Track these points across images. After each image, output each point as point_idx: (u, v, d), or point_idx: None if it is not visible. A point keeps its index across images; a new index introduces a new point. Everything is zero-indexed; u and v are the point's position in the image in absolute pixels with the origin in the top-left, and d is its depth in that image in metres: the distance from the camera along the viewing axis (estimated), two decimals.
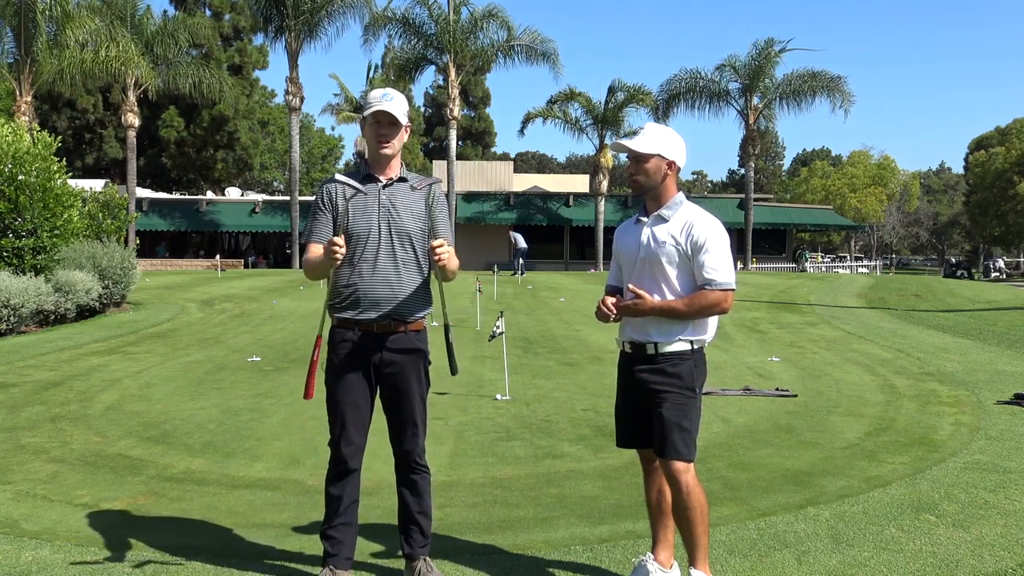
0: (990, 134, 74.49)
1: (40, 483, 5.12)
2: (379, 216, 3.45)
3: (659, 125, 3.48)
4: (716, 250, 3.33)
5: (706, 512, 3.32)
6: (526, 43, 34.21)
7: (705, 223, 3.37)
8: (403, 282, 3.46)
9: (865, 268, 52.50)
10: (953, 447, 5.97)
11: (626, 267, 3.53)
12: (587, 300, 17.77)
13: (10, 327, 11.93)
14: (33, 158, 13.56)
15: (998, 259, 68.94)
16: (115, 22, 29.10)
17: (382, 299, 3.43)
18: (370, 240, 3.43)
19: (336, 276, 3.48)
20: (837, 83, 35.67)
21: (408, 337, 3.50)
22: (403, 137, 3.50)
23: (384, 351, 3.45)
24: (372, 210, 3.45)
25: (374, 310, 3.43)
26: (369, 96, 3.48)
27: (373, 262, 3.43)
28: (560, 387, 8.43)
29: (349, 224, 3.43)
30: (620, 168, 50.07)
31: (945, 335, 12.91)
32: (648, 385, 3.37)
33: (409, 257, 3.48)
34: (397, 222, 3.45)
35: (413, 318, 3.50)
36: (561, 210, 39.95)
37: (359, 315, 3.45)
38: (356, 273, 3.43)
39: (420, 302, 3.52)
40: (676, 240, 3.35)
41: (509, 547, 4.03)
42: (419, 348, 3.52)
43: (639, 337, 3.40)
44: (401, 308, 3.46)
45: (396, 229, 3.45)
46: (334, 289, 3.50)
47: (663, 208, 3.42)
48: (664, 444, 3.29)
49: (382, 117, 3.42)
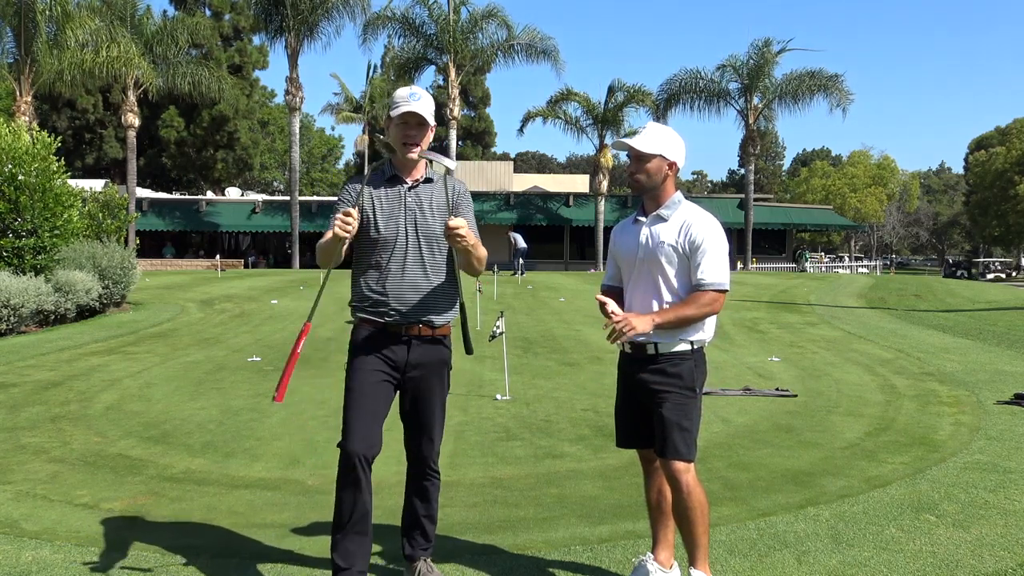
0: (990, 134, 74.52)
1: (40, 483, 5.12)
2: (405, 219, 3.35)
3: (661, 125, 3.47)
4: (712, 251, 3.33)
5: (706, 512, 3.32)
6: (526, 42, 34.24)
7: (703, 223, 3.37)
8: (432, 286, 3.37)
9: (865, 268, 52.50)
10: (953, 447, 5.96)
11: (625, 267, 3.52)
12: (587, 300, 17.77)
13: (10, 327, 11.93)
14: (33, 158, 13.56)
15: (995, 260, 68.97)
16: (115, 22, 29.12)
17: (410, 303, 3.34)
18: (397, 244, 3.34)
19: (363, 279, 3.39)
20: (835, 81, 35.69)
21: (435, 341, 3.41)
22: (429, 138, 3.37)
23: (410, 354, 3.36)
24: (398, 212, 3.35)
25: (402, 314, 3.34)
26: (395, 95, 3.33)
27: (401, 266, 3.33)
28: (560, 387, 8.43)
29: (377, 226, 3.33)
30: (620, 168, 50.10)
31: (945, 335, 12.91)
32: (649, 385, 3.37)
33: (437, 260, 3.39)
34: (425, 225, 3.36)
35: (441, 322, 3.41)
36: (561, 210, 39.96)
37: (386, 317, 3.35)
38: (384, 277, 3.34)
39: (448, 305, 3.43)
40: (675, 240, 3.35)
41: (509, 547, 4.02)
42: (445, 353, 3.45)
43: (639, 337, 3.38)
44: (430, 312, 3.37)
45: (424, 232, 3.36)
46: (360, 293, 3.39)
47: (662, 208, 3.42)
48: (665, 444, 3.29)
49: (410, 118, 3.29)
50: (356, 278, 3.42)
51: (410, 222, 3.35)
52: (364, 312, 3.38)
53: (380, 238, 3.33)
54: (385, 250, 3.34)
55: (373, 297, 3.35)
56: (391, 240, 3.34)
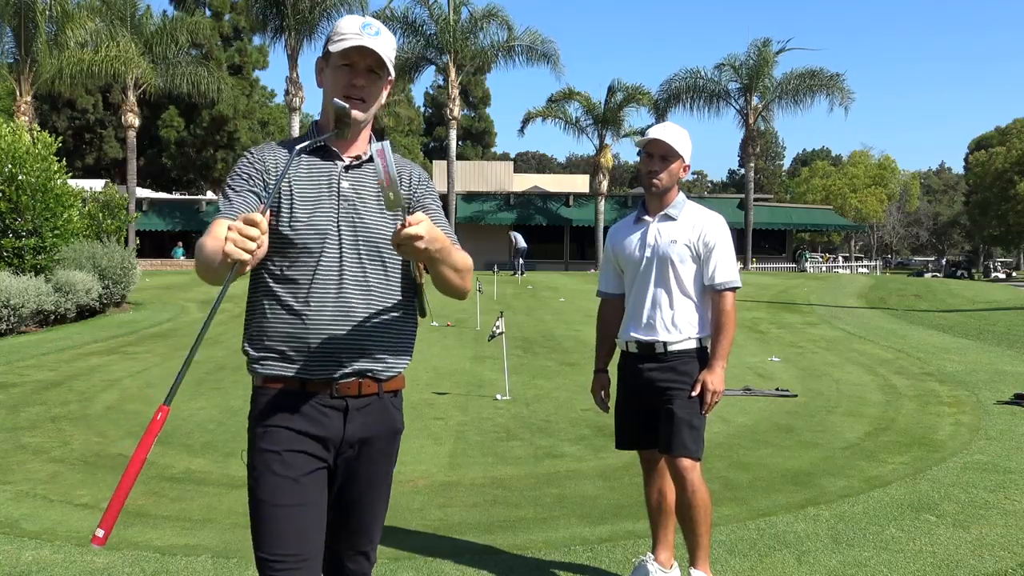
0: (990, 134, 74.50)
1: (40, 483, 5.12)
2: (339, 215, 2.16)
3: (678, 126, 3.43)
4: (726, 251, 3.36)
5: (710, 512, 3.32)
6: (526, 43, 34.22)
7: (716, 224, 3.39)
8: (375, 316, 2.17)
9: (865, 268, 52.51)
10: (953, 447, 5.97)
11: (629, 269, 3.48)
12: (587, 300, 17.76)
13: (10, 327, 11.93)
14: (33, 158, 13.57)
15: (998, 260, 69.00)
16: (115, 22, 29.12)
17: (343, 344, 2.14)
18: (325, 253, 2.14)
19: (267, 312, 2.17)
20: (836, 81, 35.67)
21: (383, 404, 2.23)
22: (383, 95, 2.24)
23: (347, 425, 2.17)
24: (327, 203, 2.16)
25: (331, 362, 2.13)
26: (339, 25, 2.18)
27: (331, 289, 2.14)
28: (560, 387, 8.43)
29: (292, 224, 2.14)
30: (620, 168, 50.14)
31: (945, 335, 12.91)
32: (657, 384, 3.34)
33: (386, 278, 2.20)
34: (364, 223, 2.18)
35: (390, 373, 2.22)
36: (561, 210, 39.95)
37: (305, 371, 2.14)
38: (301, 301, 2.13)
39: (401, 346, 2.25)
40: (688, 240, 3.34)
41: (509, 547, 4.03)
42: (396, 419, 2.28)
43: (646, 336, 3.36)
44: (373, 357, 2.18)
45: (364, 234, 2.17)
46: (259, 328, 2.20)
47: (669, 208, 3.40)
48: (672, 441, 3.26)
49: (359, 58, 2.14)
50: (255, 310, 2.23)
51: (346, 220, 2.16)
52: (270, 365, 2.17)
53: (296, 243, 2.14)
54: (304, 263, 2.14)
55: (282, 332, 2.15)
56: (314, 246, 2.14)
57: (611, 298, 3.60)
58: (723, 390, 3.31)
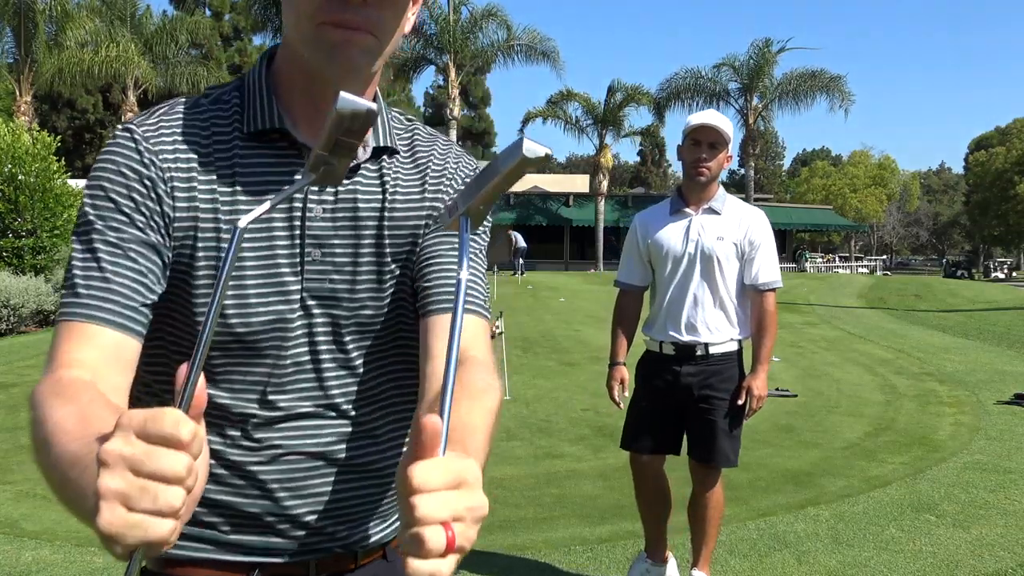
0: (990, 134, 74.54)
1: (40, 483, 5.11)
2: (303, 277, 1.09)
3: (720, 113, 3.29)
4: (770, 250, 3.24)
5: (722, 513, 3.34)
6: (526, 43, 34.21)
7: (761, 221, 3.25)
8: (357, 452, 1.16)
9: (865, 268, 52.52)
10: (953, 447, 5.97)
11: (666, 263, 3.24)
12: (587, 300, 17.76)
13: (10, 327, 11.93)
14: (33, 158, 13.57)
15: (999, 260, 68.99)
16: (115, 22, 29.11)
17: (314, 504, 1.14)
18: (291, 348, 1.10)
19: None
20: (836, 82, 35.65)
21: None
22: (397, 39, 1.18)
23: None
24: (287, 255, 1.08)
25: (293, 529, 1.14)
26: None
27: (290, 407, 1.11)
28: (560, 387, 8.43)
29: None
30: (620, 168, 50.15)
31: (945, 335, 12.91)
32: (694, 388, 3.18)
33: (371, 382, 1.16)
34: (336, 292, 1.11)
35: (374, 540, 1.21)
36: (561, 210, 39.96)
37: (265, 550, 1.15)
38: (249, 444, 1.11)
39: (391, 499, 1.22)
40: (736, 237, 3.19)
41: (509, 547, 4.02)
42: None
43: (686, 337, 3.19)
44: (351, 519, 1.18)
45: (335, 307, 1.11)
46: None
47: (713, 201, 3.23)
48: (713, 452, 3.17)
49: None
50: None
51: (316, 284, 1.10)
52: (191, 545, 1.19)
53: (230, 330, 1.07)
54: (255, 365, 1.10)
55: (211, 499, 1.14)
56: (265, 334, 1.08)
57: (632, 289, 3.41)
58: (766, 393, 3.20)
